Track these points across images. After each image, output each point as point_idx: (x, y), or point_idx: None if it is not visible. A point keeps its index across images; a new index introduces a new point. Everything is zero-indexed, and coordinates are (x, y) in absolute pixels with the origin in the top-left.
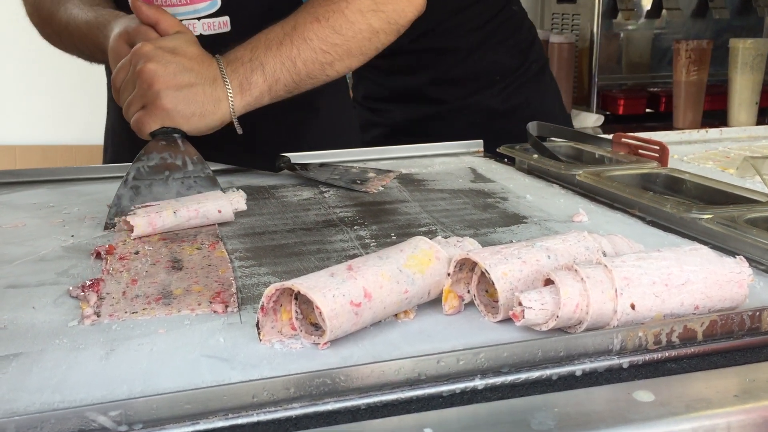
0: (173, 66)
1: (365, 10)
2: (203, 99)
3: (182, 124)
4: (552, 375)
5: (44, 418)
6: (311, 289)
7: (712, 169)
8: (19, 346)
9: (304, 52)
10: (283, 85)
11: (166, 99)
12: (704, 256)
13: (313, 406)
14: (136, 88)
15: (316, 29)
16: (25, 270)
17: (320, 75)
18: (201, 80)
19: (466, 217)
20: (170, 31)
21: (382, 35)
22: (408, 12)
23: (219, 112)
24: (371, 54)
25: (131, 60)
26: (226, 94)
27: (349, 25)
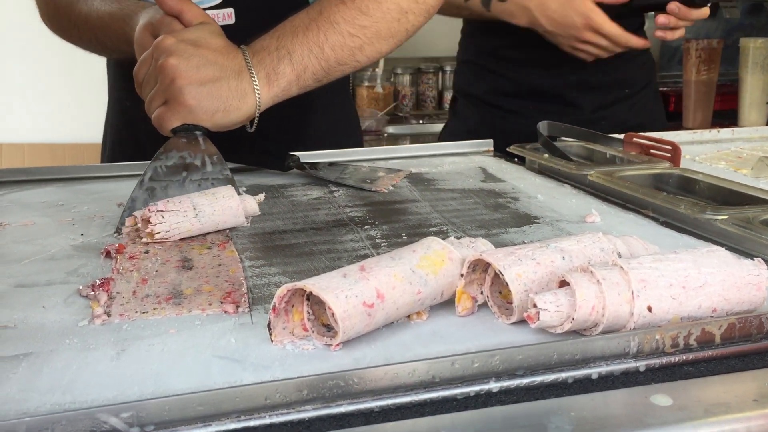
0: (196, 59)
1: None
2: (228, 94)
3: (205, 121)
4: (568, 378)
5: (55, 419)
6: (324, 290)
7: (724, 169)
8: (29, 345)
9: (331, 37)
10: (312, 74)
11: (188, 95)
12: (722, 258)
13: (326, 409)
14: (158, 83)
15: (343, 11)
16: (35, 269)
17: (350, 61)
18: (226, 73)
19: (477, 217)
20: (194, 21)
21: (411, 16)
22: None
23: (245, 107)
24: (401, 38)
25: (153, 53)
26: (252, 87)
27: (376, 5)
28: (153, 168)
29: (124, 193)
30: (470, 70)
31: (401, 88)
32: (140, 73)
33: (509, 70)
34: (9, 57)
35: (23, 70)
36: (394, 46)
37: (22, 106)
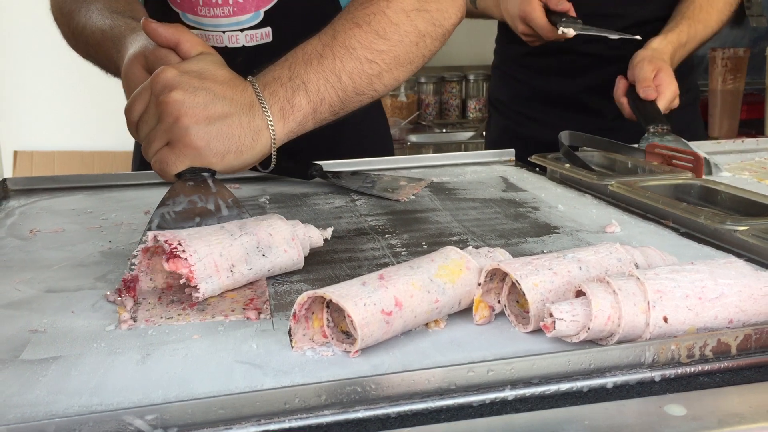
0: (203, 94)
1: (408, 9)
2: (240, 132)
3: (215, 164)
4: (583, 387)
5: (83, 420)
6: (343, 298)
7: (748, 179)
8: (58, 349)
9: (348, 64)
10: (329, 106)
11: (196, 135)
12: (739, 269)
13: (344, 414)
14: (160, 122)
15: (359, 35)
16: (64, 275)
17: (368, 90)
18: (236, 109)
19: (497, 227)
20: (192, 52)
21: (428, 40)
22: (452, 14)
23: (258, 145)
24: (419, 64)
25: (152, 88)
26: (266, 123)
27: (393, 28)
28: (159, 215)
29: (152, 201)
30: (497, 77)
31: (424, 96)
32: (135, 111)
33: (531, 77)
34: (39, 66)
35: (53, 79)
36: (410, 73)
37: (52, 115)
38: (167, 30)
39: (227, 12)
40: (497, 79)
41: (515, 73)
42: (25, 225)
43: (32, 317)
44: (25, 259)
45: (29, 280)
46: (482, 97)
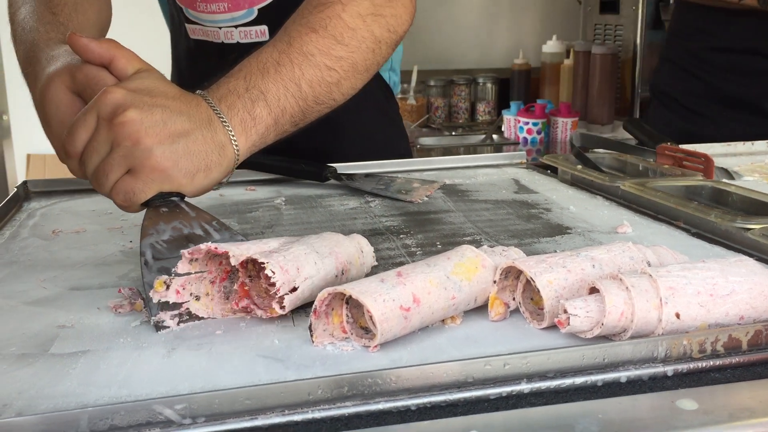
0: (159, 111)
1: (365, 14)
2: (205, 148)
3: (185, 185)
4: (597, 381)
5: (115, 410)
6: (363, 294)
7: (757, 181)
8: (86, 344)
9: (307, 72)
10: (290, 116)
11: (162, 156)
12: (749, 267)
13: (365, 405)
14: (116, 148)
15: (316, 41)
16: (88, 273)
17: (327, 99)
18: (196, 125)
19: (509, 227)
20: (129, 69)
21: (384, 46)
22: (405, 19)
23: (225, 162)
24: (373, 72)
25: (98, 111)
26: (228, 137)
27: (351, 33)
28: (149, 245)
29: None
30: (669, 70)
31: (434, 99)
32: (78, 140)
33: (709, 73)
34: None
35: None
36: (365, 82)
37: None
38: (100, 46)
39: (222, 8)
40: (667, 71)
41: (691, 67)
42: (47, 226)
43: (59, 314)
44: (49, 259)
45: (54, 279)
46: (491, 100)
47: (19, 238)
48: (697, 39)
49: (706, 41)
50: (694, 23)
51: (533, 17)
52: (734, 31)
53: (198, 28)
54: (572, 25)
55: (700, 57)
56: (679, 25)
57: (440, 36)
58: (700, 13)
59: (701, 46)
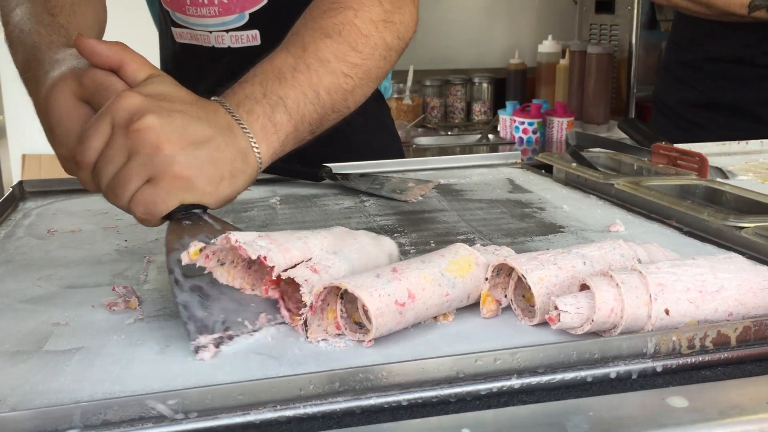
0: (179, 117)
1: (377, 20)
2: (228, 155)
3: (209, 194)
4: (587, 376)
5: (108, 404)
6: (359, 288)
7: (751, 180)
8: (80, 341)
9: (325, 78)
10: (309, 124)
11: (185, 163)
12: (738, 264)
13: (356, 401)
14: (134, 156)
15: (331, 47)
16: (83, 272)
17: (342, 107)
18: (216, 130)
19: (503, 226)
20: (140, 74)
21: (393, 54)
22: (411, 26)
23: (249, 169)
24: (381, 80)
25: (112, 118)
26: (249, 144)
27: (364, 40)
28: (177, 262)
29: None
30: (665, 78)
31: (429, 99)
32: (91, 148)
33: (704, 83)
34: None
35: None
36: (373, 90)
37: None
38: (109, 49)
39: (213, 12)
40: (665, 80)
41: (685, 77)
42: (42, 225)
43: (53, 311)
44: (44, 258)
45: (49, 277)
46: (487, 100)
47: (15, 238)
48: (690, 50)
49: (700, 52)
50: (689, 34)
51: (529, 17)
52: (726, 43)
53: (185, 32)
54: (568, 25)
55: (694, 67)
56: (676, 36)
57: (436, 36)
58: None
59: (695, 56)
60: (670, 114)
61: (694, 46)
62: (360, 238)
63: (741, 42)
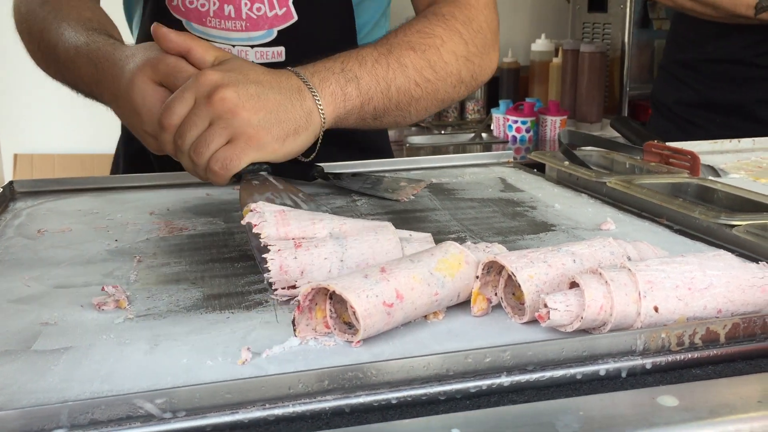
0: (253, 87)
1: (459, 54)
2: (294, 115)
3: (277, 150)
4: (576, 374)
5: (95, 404)
6: (346, 289)
7: (743, 178)
8: (69, 340)
9: (398, 78)
10: (373, 108)
11: (258, 125)
12: (727, 261)
13: (346, 399)
14: (218, 120)
15: (412, 58)
16: (73, 272)
17: (405, 110)
18: (286, 95)
19: (494, 225)
20: (207, 57)
21: (463, 88)
22: (488, 72)
23: (311, 127)
24: (447, 105)
25: (196, 90)
26: (315, 105)
27: (442, 65)
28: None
29: (156, 202)
30: (663, 78)
31: None
32: (175, 114)
33: (701, 82)
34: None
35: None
36: (437, 110)
37: (52, 118)
38: (178, 37)
39: (239, 26)
40: (663, 80)
41: (684, 77)
42: (32, 225)
43: (42, 311)
44: (34, 258)
45: (38, 277)
46: (480, 99)
47: (5, 238)
48: (689, 50)
49: (699, 52)
50: (688, 35)
51: (522, 16)
52: (725, 43)
53: None
54: (561, 23)
55: (692, 67)
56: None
57: None
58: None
59: (694, 56)
60: (669, 114)
61: (693, 46)
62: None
63: (741, 42)
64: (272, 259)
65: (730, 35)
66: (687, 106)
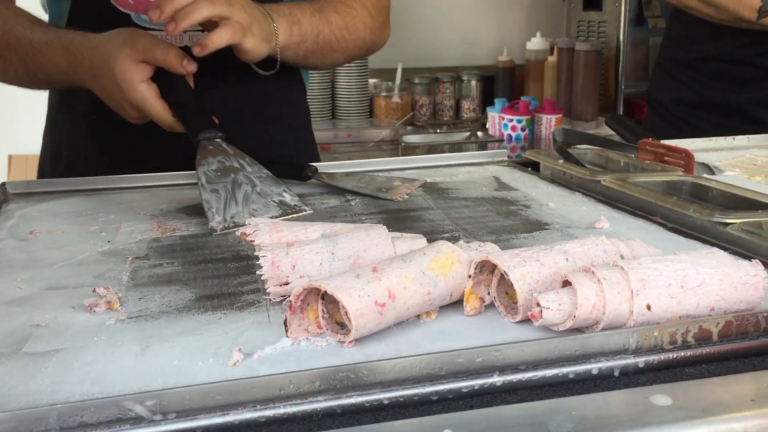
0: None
1: (366, 25)
2: (267, 27)
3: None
4: (569, 373)
5: (84, 406)
6: (338, 289)
7: (738, 176)
8: (60, 342)
9: (325, 30)
10: (305, 49)
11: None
12: (720, 259)
13: (337, 400)
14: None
15: (336, 19)
16: (65, 273)
17: (326, 56)
18: (262, 13)
19: (488, 224)
20: None
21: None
22: (383, 42)
23: (272, 43)
24: (350, 61)
25: None
26: (273, 30)
27: (354, 30)
28: (203, 173)
29: (149, 203)
30: (660, 76)
31: (418, 97)
32: None
33: (699, 82)
34: None
35: None
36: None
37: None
38: None
39: None
40: (660, 78)
41: (682, 76)
42: (25, 227)
43: (33, 313)
44: (26, 259)
45: (30, 279)
46: (476, 98)
47: None
48: (687, 48)
49: (696, 51)
50: (685, 33)
51: (517, 15)
52: (722, 42)
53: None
54: (556, 22)
55: (691, 66)
56: (672, 34)
57: (425, 34)
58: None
59: (691, 55)
60: (665, 113)
61: (690, 45)
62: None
63: (740, 42)
64: (264, 256)
65: (728, 34)
66: (684, 106)
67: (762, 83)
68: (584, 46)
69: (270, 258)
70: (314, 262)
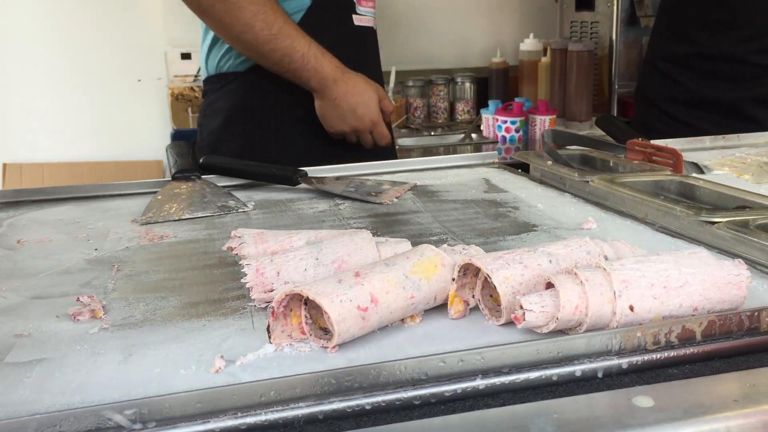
0: None
1: None
2: None
3: None
4: (552, 375)
5: (63, 416)
6: (320, 295)
7: (726, 174)
8: (42, 352)
9: None
10: None
11: None
12: (703, 259)
13: (319, 405)
14: None
15: None
16: (50, 282)
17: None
18: None
19: (477, 226)
20: None
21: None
22: None
23: None
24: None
25: None
26: None
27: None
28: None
29: (137, 210)
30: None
31: (412, 100)
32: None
33: (693, 79)
34: (29, 78)
35: (42, 92)
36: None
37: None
38: None
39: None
40: (650, 74)
41: (674, 73)
42: (12, 236)
43: (17, 323)
44: (12, 268)
45: (16, 288)
46: (470, 99)
47: None
48: (678, 45)
49: (688, 47)
50: (676, 29)
51: (510, 16)
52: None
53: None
54: (549, 23)
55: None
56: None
57: (418, 36)
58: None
59: (683, 52)
60: (656, 111)
61: (681, 41)
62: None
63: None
64: (248, 264)
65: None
66: (677, 104)
67: (756, 81)
68: (577, 47)
69: (254, 265)
70: (299, 268)
